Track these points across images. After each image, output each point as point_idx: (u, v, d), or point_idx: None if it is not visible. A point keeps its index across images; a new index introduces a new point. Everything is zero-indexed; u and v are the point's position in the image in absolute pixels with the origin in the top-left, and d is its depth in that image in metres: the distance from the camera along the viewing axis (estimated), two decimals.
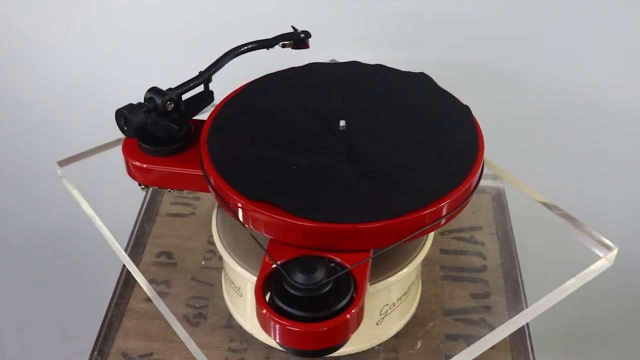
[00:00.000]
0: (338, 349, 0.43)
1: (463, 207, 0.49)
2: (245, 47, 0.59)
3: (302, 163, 0.50)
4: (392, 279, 0.52)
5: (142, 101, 0.54)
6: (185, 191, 0.74)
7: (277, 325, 0.40)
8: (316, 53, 0.64)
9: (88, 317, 0.76)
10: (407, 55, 0.82)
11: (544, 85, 0.84)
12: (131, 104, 0.53)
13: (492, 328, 0.58)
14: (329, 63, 0.63)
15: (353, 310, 0.41)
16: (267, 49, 0.61)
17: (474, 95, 0.61)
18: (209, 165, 0.50)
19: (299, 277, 0.41)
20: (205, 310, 0.60)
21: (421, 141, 0.52)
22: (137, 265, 0.65)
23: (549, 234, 0.96)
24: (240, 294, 0.55)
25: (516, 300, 0.62)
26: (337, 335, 0.41)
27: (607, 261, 0.53)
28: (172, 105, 0.54)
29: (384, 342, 0.56)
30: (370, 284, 0.51)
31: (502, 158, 0.71)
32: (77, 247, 1.06)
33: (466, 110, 0.55)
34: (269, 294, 0.42)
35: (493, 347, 0.57)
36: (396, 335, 0.57)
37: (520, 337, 0.58)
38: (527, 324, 0.59)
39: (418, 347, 0.56)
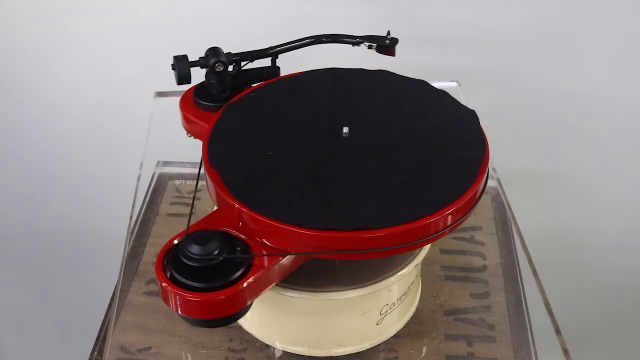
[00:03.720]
0: (238, 317, 0.46)
1: (403, 248, 0.46)
2: (328, 38, 0.61)
3: (280, 154, 0.51)
4: (392, 279, 0.52)
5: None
6: (185, 191, 0.75)
7: (177, 297, 0.43)
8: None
9: (88, 317, 0.76)
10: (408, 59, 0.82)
11: (544, 86, 0.84)
12: (185, 55, 0.58)
13: (492, 328, 0.58)
14: (398, 75, 0.61)
15: (249, 280, 0.44)
16: (352, 45, 0.62)
17: (474, 96, 0.61)
18: (209, 129, 0.54)
19: (194, 248, 0.44)
20: None
21: (413, 170, 0.49)
22: (137, 265, 0.65)
23: (548, 233, 0.97)
24: None
25: (516, 300, 0.61)
26: (233, 303, 0.44)
27: None
28: (222, 67, 0.58)
29: (384, 342, 0.56)
30: (370, 284, 0.51)
31: (503, 159, 0.71)
32: (76, 246, 1.06)
33: (480, 156, 0.50)
34: (169, 272, 0.45)
35: (494, 342, 0.57)
36: (396, 335, 0.57)
37: (521, 332, 0.58)
38: (529, 319, 0.59)
39: (423, 354, 0.56)
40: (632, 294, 1.01)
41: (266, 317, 0.55)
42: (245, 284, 0.44)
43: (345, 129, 0.53)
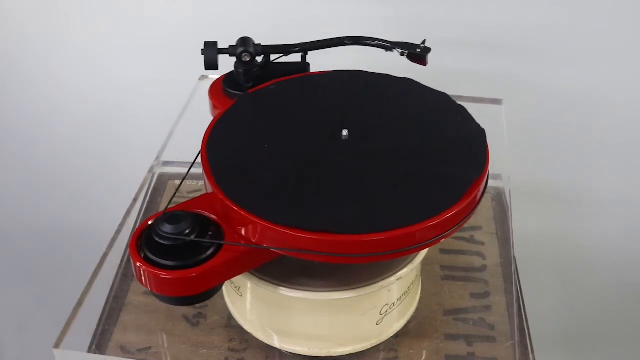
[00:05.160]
0: (210, 296, 0.47)
1: (361, 258, 0.45)
2: (351, 40, 0.62)
3: (275, 149, 0.52)
4: (392, 279, 0.52)
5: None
6: (186, 191, 0.74)
7: (151, 275, 0.45)
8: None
9: (88, 317, 0.76)
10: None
11: (544, 86, 0.84)
12: (215, 42, 0.60)
13: (492, 328, 0.58)
14: (422, 85, 0.59)
15: (218, 261, 0.45)
16: (386, 50, 0.62)
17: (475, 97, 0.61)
18: (218, 115, 0.55)
19: (166, 227, 0.45)
20: (205, 310, 0.60)
21: (399, 180, 0.49)
22: None
23: (549, 233, 0.97)
24: (240, 294, 0.55)
25: (515, 300, 0.61)
26: (204, 281, 0.45)
27: None
28: (249, 57, 0.59)
29: (384, 342, 0.56)
30: (370, 284, 0.51)
31: (501, 158, 0.71)
32: (76, 246, 1.06)
33: (471, 177, 0.49)
34: (143, 251, 0.46)
35: (494, 342, 0.57)
36: (396, 335, 0.57)
37: (520, 336, 0.58)
38: (527, 323, 0.59)
39: (423, 354, 0.56)
40: (632, 294, 1.02)
41: (266, 317, 0.55)
42: (209, 268, 0.45)
43: (345, 132, 0.53)
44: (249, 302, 0.55)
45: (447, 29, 0.81)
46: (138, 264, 0.45)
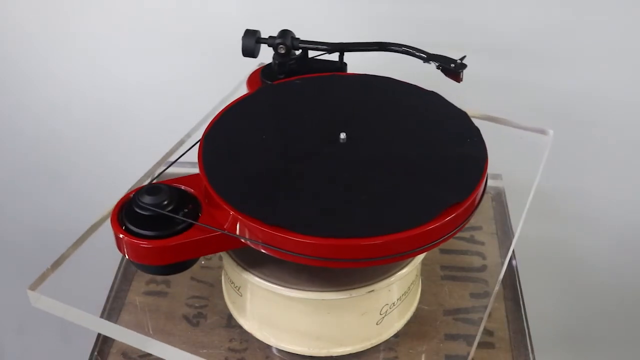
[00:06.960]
0: (188, 266, 0.50)
1: (340, 261, 0.45)
2: (399, 48, 0.61)
3: (270, 143, 0.52)
4: (392, 279, 0.52)
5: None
6: None
7: (131, 244, 0.47)
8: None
9: None
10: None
11: (544, 87, 0.84)
12: (256, 31, 0.61)
13: (491, 328, 0.58)
14: (446, 101, 0.58)
15: (188, 237, 0.47)
16: (423, 62, 0.60)
17: (476, 97, 0.61)
18: (233, 102, 0.57)
19: (145, 199, 0.48)
20: (205, 310, 0.60)
21: (377, 191, 0.48)
22: None
23: (549, 233, 0.97)
24: (240, 293, 0.55)
25: (514, 301, 0.62)
26: (181, 251, 0.47)
27: None
28: (284, 50, 0.61)
29: (384, 342, 0.56)
30: (370, 284, 0.51)
31: (502, 159, 0.71)
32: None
33: (454, 200, 0.47)
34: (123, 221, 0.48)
35: (493, 347, 0.57)
36: (396, 335, 0.57)
37: (520, 337, 0.58)
38: (527, 324, 0.59)
39: (423, 354, 0.56)
40: (632, 294, 1.02)
41: (266, 317, 0.55)
42: (178, 242, 0.47)
43: (343, 135, 0.53)
44: (249, 302, 0.55)
45: (443, 31, 0.81)
46: (121, 235, 0.47)
